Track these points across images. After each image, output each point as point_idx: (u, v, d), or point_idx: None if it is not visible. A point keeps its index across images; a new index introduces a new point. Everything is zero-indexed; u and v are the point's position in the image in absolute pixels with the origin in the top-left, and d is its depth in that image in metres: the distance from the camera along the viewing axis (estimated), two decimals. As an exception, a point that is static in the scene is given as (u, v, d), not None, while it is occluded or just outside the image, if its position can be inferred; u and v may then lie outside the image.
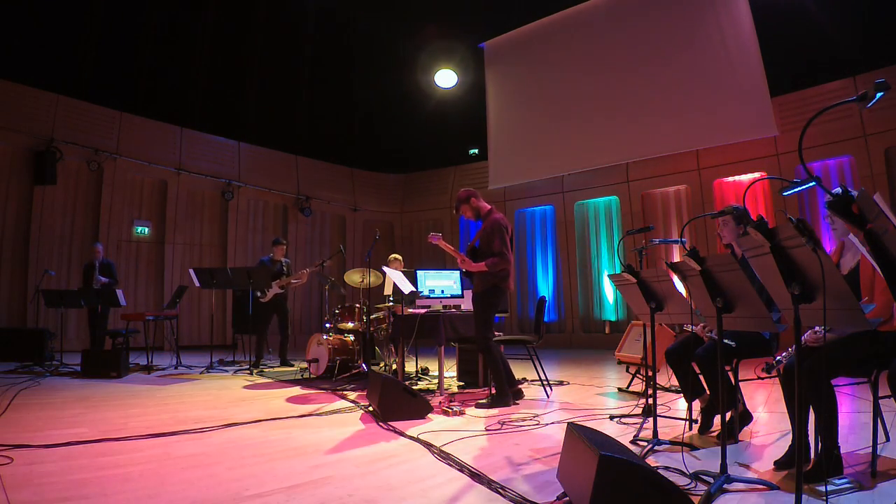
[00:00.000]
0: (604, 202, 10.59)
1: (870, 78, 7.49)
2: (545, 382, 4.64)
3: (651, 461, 2.49)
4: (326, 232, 12.22)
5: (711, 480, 2.13)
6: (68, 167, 8.75)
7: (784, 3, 8.22)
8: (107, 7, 9.37)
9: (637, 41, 9.01)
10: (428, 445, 2.88)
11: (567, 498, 2.00)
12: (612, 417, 3.62)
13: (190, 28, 10.58)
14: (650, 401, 3.18)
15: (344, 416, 3.74)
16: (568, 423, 2.20)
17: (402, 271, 5.54)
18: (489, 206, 4.45)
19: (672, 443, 2.81)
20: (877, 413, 2.42)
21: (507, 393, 4.10)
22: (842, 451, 2.24)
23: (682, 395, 3.40)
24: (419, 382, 5.43)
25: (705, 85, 8.21)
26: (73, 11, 9.08)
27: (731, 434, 2.88)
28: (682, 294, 2.72)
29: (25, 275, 8.24)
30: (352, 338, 5.83)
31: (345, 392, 4.75)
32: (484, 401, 4.09)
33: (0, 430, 3.09)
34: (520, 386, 4.49)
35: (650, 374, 3.26)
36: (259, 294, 6.77)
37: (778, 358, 2.45)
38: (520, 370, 5.20)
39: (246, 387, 5.16)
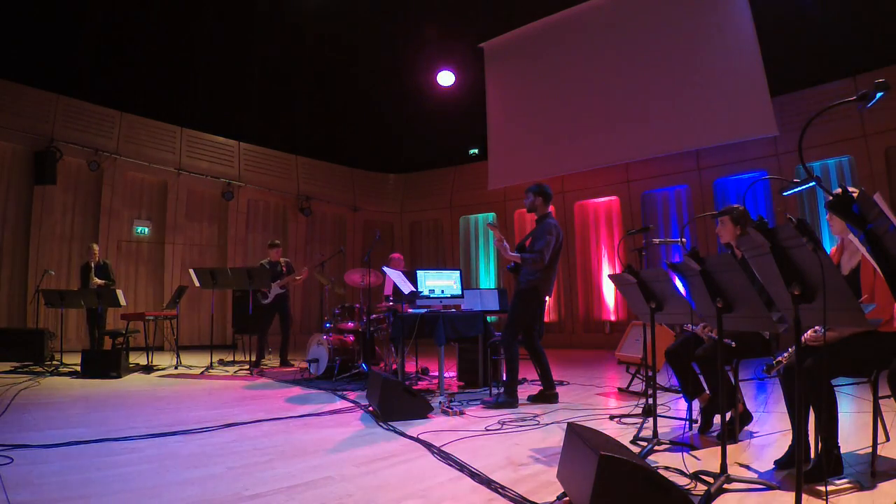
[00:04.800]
0: (604, 202, 10.59)
1: (870, 78, 7.48)
2: (545, 382, 4.63)
3: (651, 461, 2.49)
4: (326, 232, 12.21)
5: (711, 480, 2.13)
6: (68, 167, 8.74)
7: (784, 2, 8.22)
8: (107, 7, 9.37)
9: (637, 41, 9.01)
10: (428, 445, 2.88)
11: (567, 498, 2.00)
12: (612, 417, 3.62)
13: (190, 28, 10.57)
14: (650, 401, 3.18)
15: (344, 416, 3.74)
16: (568, 423, 2.20)
17: (402, 271, 5.54)
18: (549, 211, 4.42)
19: (672, 443, 2.81)
20: (877, 413, 2.42)
21: (515, 395, 4.10)
22: (842, 451, 2.24)
23: (682, 394, 3.40)
24: (419, 382, 5.43)
25: (705, 85, 8.21)
26: (74, 11, 9.08)
27: (731, 434, 2.88)
28: (681, 294, 2.72)
29: (25, 275, 8.23)
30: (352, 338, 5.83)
31: (345, 392, 4.76)
32: (490, 400, 4.09)
33: (0, 430, 3.09)
34: (520, 386, 4.49)
35: (650, 374, 3.26)
36: (261, 296, 6.78)
37: (778, 358, 2.45)
38: (520, 370, 5.19)
39: (246, 387, 5.16)
